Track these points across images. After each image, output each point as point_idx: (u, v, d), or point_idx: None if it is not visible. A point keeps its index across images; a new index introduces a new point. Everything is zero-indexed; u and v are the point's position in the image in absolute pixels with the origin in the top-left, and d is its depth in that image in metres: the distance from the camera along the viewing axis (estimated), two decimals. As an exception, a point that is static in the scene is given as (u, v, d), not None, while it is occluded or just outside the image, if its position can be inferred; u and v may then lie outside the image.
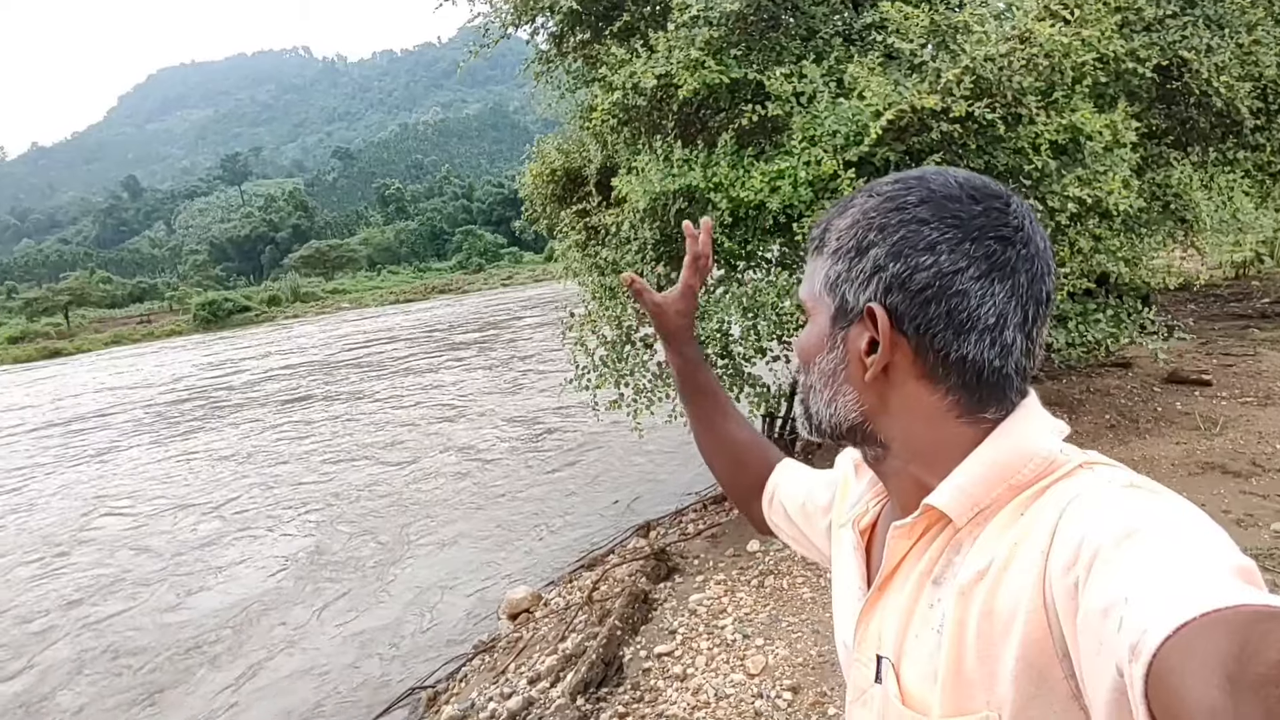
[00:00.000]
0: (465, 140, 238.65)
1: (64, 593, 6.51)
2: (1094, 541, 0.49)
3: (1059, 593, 0.50)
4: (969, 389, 0.62)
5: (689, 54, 3.70)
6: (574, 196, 6.01)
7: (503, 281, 57.15)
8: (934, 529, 0.63)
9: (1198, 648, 0.36)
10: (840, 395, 0.67)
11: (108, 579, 6.66)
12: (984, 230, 0.61)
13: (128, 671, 5.03)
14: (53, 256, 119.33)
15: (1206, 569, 0.43)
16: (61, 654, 5.39)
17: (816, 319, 0.69)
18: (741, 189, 3.69)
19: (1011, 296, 0.61)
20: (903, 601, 0.64)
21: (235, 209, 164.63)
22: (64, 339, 50.58)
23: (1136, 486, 0.55)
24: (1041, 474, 0.60)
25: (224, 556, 6.87)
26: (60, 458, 12.36)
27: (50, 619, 6.00)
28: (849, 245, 0.65)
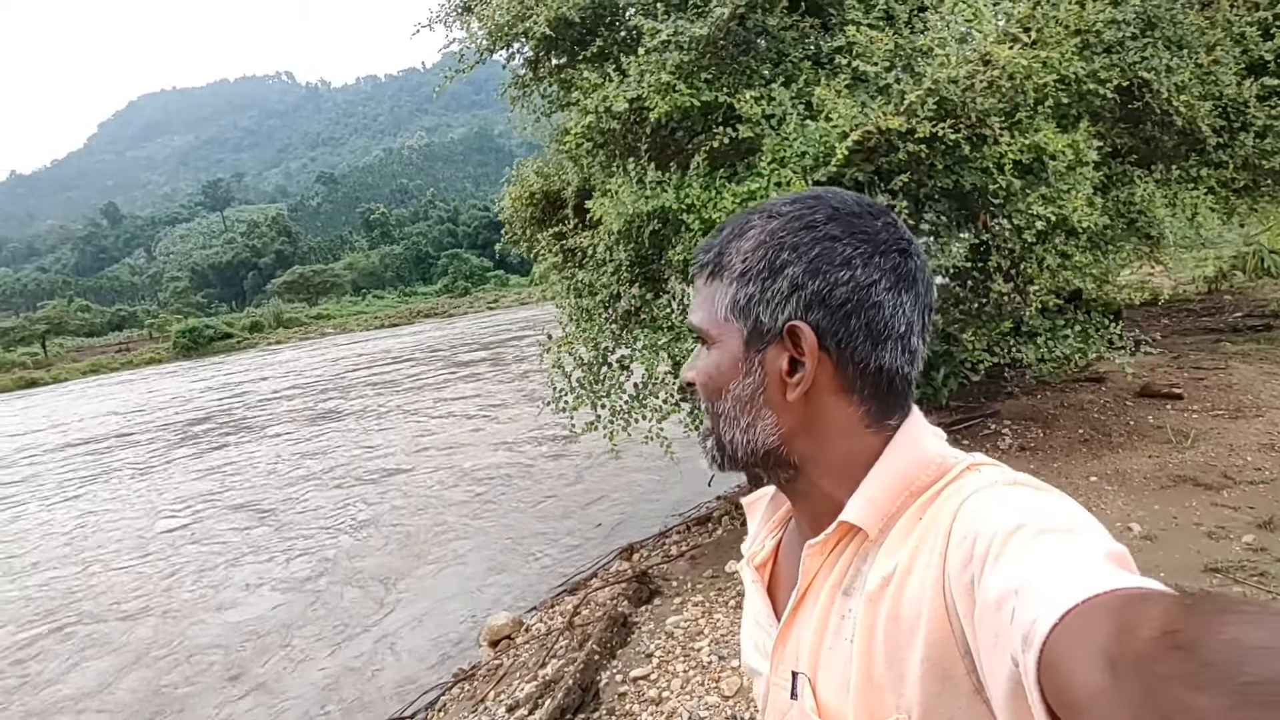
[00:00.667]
0: (450, 164, 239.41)
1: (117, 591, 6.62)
2: (985, 539, 0.51)
3: (957, 591, 0.52)
4: (879, 398, 0.65)
5: (659, 78, 3.75)
6: (553, 219, 6.04)
7: (488, 305, 57.15)
8: (844, 541, 0.65)
9: (1081, 633, 0.38)
10: (759, 420, 0.66)
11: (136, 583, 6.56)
12: (888, 244, 0.64)
13: (131, 689, 4.92)
14: (30, 285, 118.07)
15: (1086, 558, 0.45)
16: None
17: (724, 345, 0.67)
18: (713, 210, 3.72)
19: (915, 305, 0.65)
20: (816, 616, 0.65)
21: (217, 235, 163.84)
22: (41, 368, 49.92)
23: (1020, 484, 0.58)
24: (936, 477, 0.62)
25: (223, 577, 6.90)
26: (99, 473, 12.52)
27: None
28: (759, 266, 0.65)
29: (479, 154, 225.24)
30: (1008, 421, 5.12)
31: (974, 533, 0.52)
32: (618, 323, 4.39)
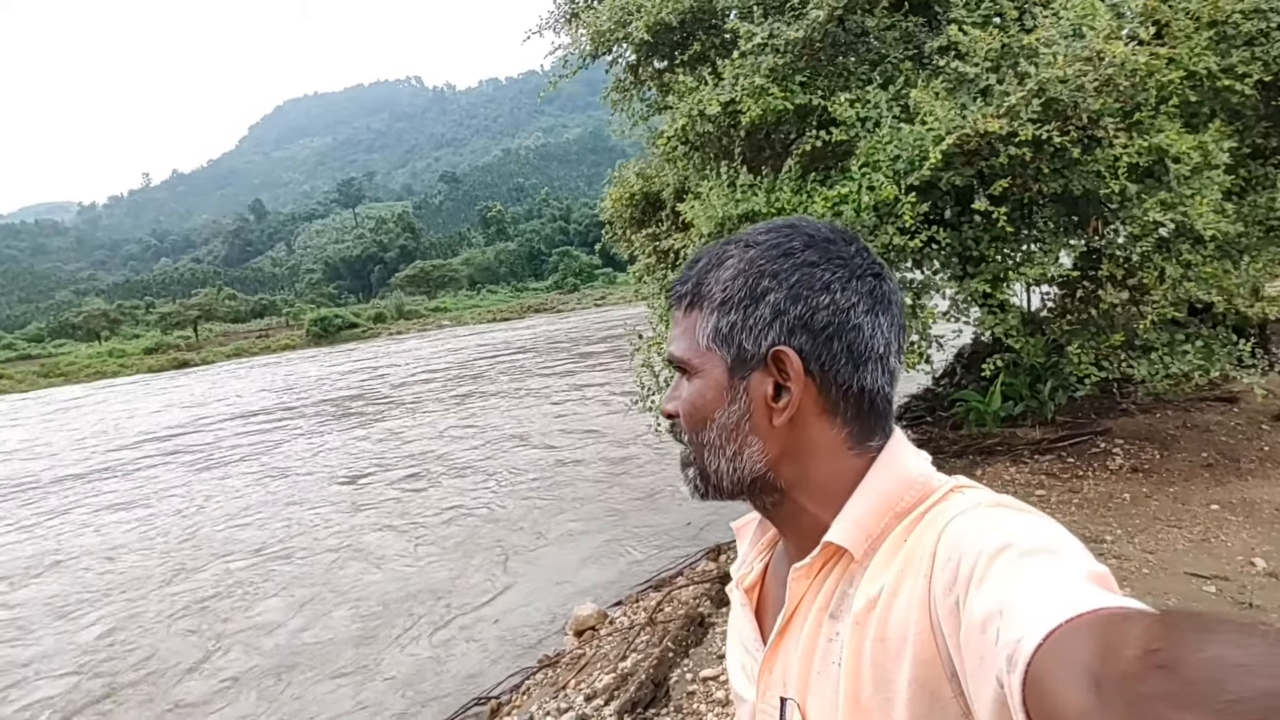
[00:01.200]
0: (565, 164, 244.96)
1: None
2: (969, 561, 0.51)
3: (943, 613, 0.52)
4: (861, 419, 0.66)
5: (753, 81, 3.76)
6: (651, 220, 6.13)
7: (595, 302, 58.06)
8: (830, 564, 0.65)
9: (1065, 653, 0.38)
10: (746, 447, 0.66)
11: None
12: (864, 268, 0.66)
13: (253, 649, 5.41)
14: (186, 274, 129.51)
15: (1069, 578, 0.45)
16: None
17: (707, 374, 0.67)
18: (804, 214, 3.70)
19: (891, 326, 0.66)
20: (804, 641, 0.65)
21: (349, 230, 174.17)
22: (192, 350, 54.71)
23: (1003, 505, 0.58)
24: (920, 499, 0.63)
25: (378, 540, 7.57)
26: (278, 439, 14.15)
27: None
28: (740, 294, 0.66)
29: (593, 154, 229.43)
30: (1120, 440, 4.79)
31: (958, 554, 0.53)
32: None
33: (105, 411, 24.05)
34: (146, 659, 5.51)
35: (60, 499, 11.08)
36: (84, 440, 17.45)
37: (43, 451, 16.46)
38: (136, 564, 7.67)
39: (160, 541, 8.36)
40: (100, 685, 5.22)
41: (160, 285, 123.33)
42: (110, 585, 7.15)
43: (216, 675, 5.13)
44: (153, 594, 6.75)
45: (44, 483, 12.59)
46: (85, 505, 10.52)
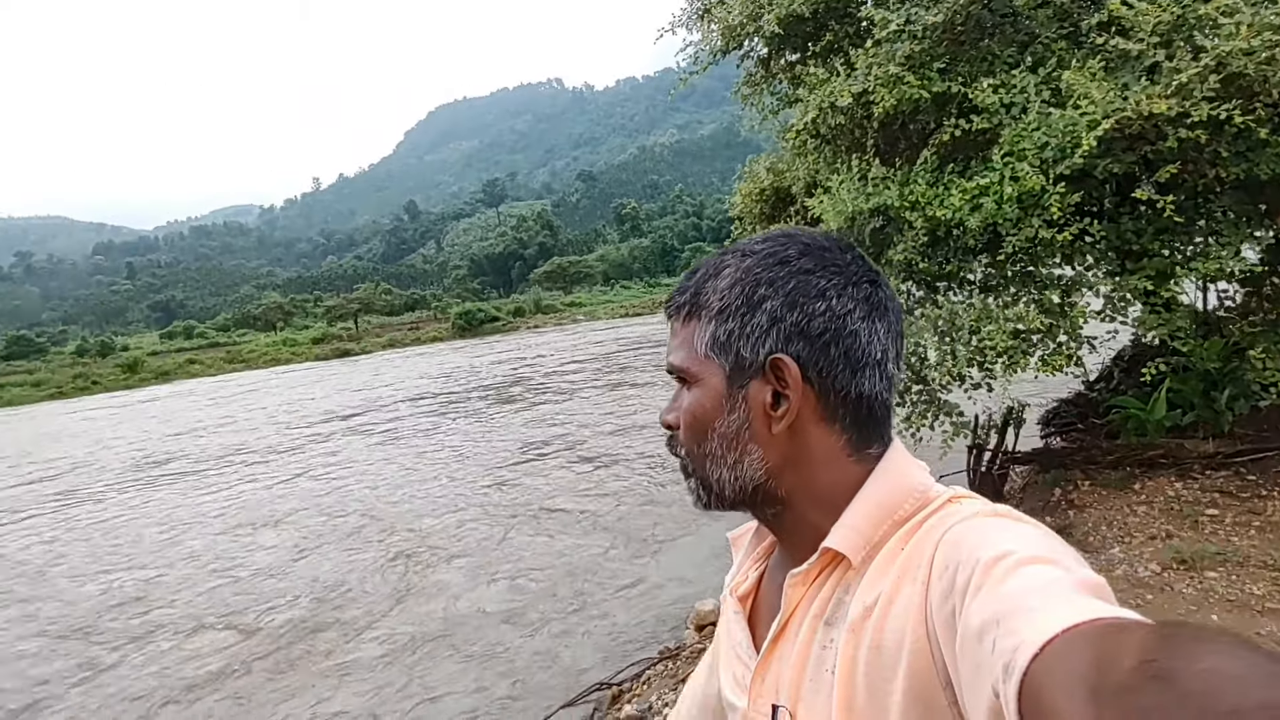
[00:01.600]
0: (699, 160, 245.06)
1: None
2: (967, 569, 0.51)
3: (939, 622, 0.52)
4: (859, 425, 0.66)
5: (887, 70, 3.61)
6: (782, 215, 6.03)
7: (727, 298, 57.60)
8: (825, 571, 0.65)
9: (1062, 663, 0.38)
10: (746, 455, 0.67)
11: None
12: (859, 276, 0.67)
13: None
14: (348, 270, 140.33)
15: (1066, 588, 0.45)
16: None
17: (706, 383, 0.68)
18: (939, 207, 3.52)
19: (889, 333, 0.67)
20: (798, 648, 0.65)
21: (492, 229, 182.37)
22: (352, 341, 59.22)
23: (1001, 515, 0.58)
24: (918, 508, 0.63)
25: (542, 516, 8.08)
26: (449, 420, 15.53)
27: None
28: (737, 303, 0.67)
29: (726, 149, 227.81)
30: (1315, 458, 4.23)
31: (956, 563, 0.53)
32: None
33: (286, 395, 26.67)
34: (346, 603, 6.28)
35: (275, 466, 12.66)
36: (275, 418, 19.59)
37: (245, 427, 18.59)
38: (345, 522, 8.65)
39: (361, 504, 9.37)
40: (312, 621, 5.98)
41: (327, 281, 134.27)
42: (325, 539, 8.10)
43: (386, 640, 5.56)
44: (358, 548, 7.61)
45: (260, 451, 14.48)
46: (294, 470, 11.99)
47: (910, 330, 3.81)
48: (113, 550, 8.67)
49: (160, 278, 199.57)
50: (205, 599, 6.74)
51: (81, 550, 8.80)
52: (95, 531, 9.59)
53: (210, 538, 8.73)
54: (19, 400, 45.85)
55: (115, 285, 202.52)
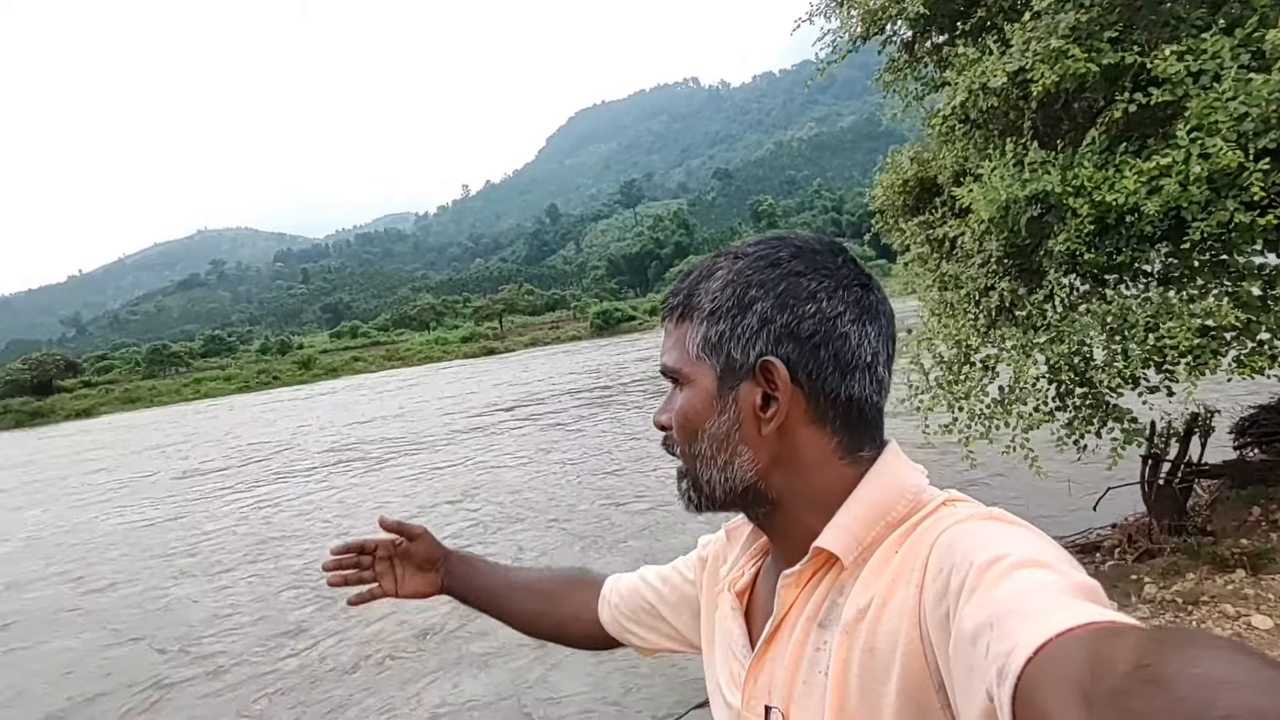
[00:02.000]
0: (838, 153, 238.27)
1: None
2: (961, 572, 0.51)
3: (933, 624, 0.52)
4: (850, 428, 0.66)
5: (1048, 44, 3.30)
6: (926, 207, 5.70)
7: (869, 294, 55.92)
8: (819, 573, 0.65)
9: (1056, 667, 0.38)
10: (736, 457, 0.67)
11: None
12: (849, 279, 0.67)
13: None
14: (494, 272, 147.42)
15: (1060, 592, 0.45)
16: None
17: (697, 384, 0.68)
18: (1109, 191, 3.17)
19: (879, 335, 0.67)
20: (791, 649, 0.65)
21: (629, 229, 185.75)
22: (497, 340, 62.15)
23: (995, 518, 0.58)
24: (912, 510, 0.63)
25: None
26: (610, 410, 16.56)
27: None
28: (728, 304, 0.67)
29: (868, 140, 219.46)
30: None
31: (950, 565, 0.52)
32: (984, 319, 4.00)
33: (443, 389, 28.59)
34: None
35: (455, 451, 13.65)
36: (442, 409, 21.09)
37: (415, 417, 20.13)
38: (533, 500, 9.25)
39: (545, 482, 10.04)
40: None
41: (475, 282, 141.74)
42: (519, 513, 8.67)
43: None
44: (540, 528, 8.05)
45: (437, 437, 15.72)
46: (476, 454, 12.91)
47: (1073, 328, 3.47)
48: (335, 520, 9.66)
49: (330, 281, 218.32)
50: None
51: (313, 519, 9.87)
52: (313, 505, 10.73)
53: (418, 509, 9.58)
54: (213, 393, 51.54)
55: (292, 289, 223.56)
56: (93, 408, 49.62)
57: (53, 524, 11.67)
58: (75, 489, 15.40)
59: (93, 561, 9.15)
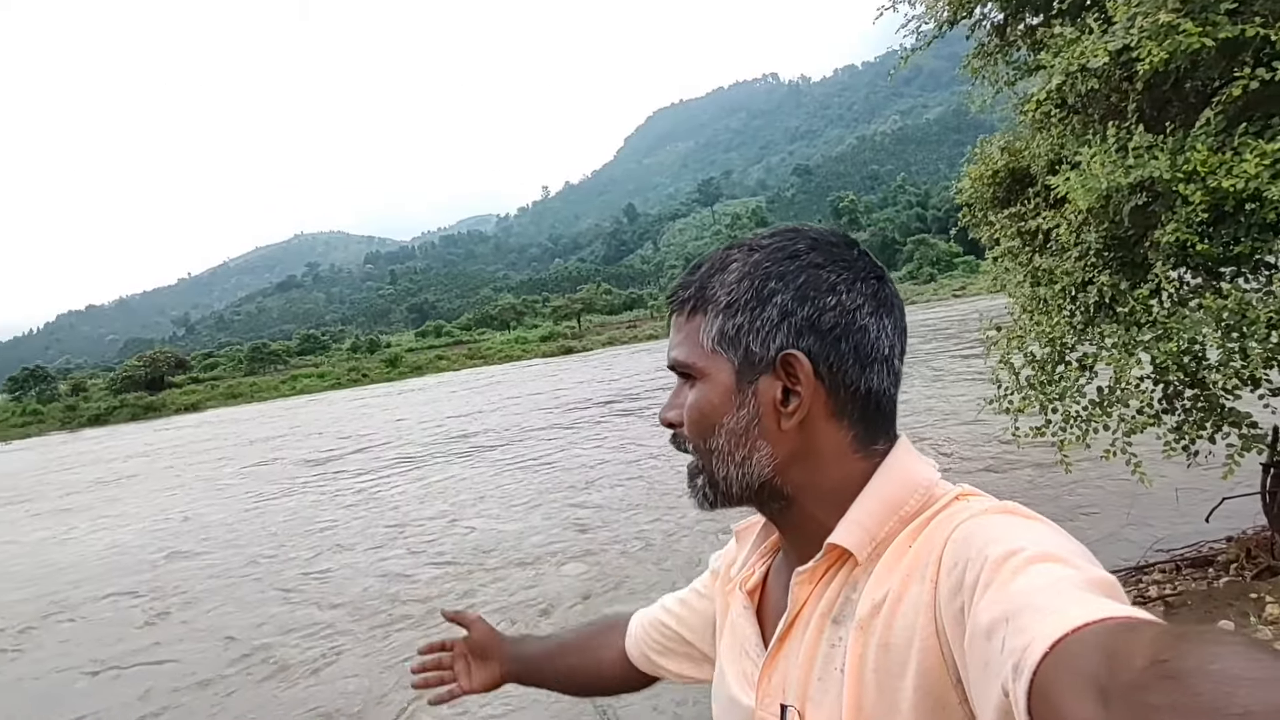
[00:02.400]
0: (924, 146, 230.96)
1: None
2: (976, 566, 0.50)
3: (948, 619, 0.52)
4: (866, 420, 0.65)
5: (1156, 19, 3.07)
6: (1018, 199, 5.43)
7: (954, 293, 54.02)
8: (833, 569, 0.64)
9: (1072, 662, 0.38)
10: (755, 452, 0.65)
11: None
12: (866, 271, 0.66)
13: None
14: (573, 272, 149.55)
15: (1077, 586, 0.44)
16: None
17: (713, 379, 0.67)
18: (1225, 176, 2.93)
19: (895, 328, 0.66)
20: (805, 646, 0.64)
21: (707, 228, 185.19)
22: (575, 339, 62.92)
23: (1010, 512, 0.57)
24: (924, 505, 0.62)
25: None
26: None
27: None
28: (746, 297, 0.65)
29: (955, 133, 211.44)
30: None
31: (965, 560, 0.52)
32: (1081, 316, 3.76)
33: (533, 385, 29.19)
34: (650, 555, 6.89)
35: (562, 442, 13.89)
36: (538, 403, 21.60)
37: (514, 411, 20.63)
38: (647, 487, 9.40)
39: (656, 471, 10.14)
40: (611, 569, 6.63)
41: (554, 282, 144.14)
42: (637, 500, 8.83)
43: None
44: (670, 510, 8.15)
45: (540, 428, 16.17)
46: (583, 445, 13.19)
47: (1183, 325, 3.21)
48: (462, 503, 9.98)
49: (416, 282, 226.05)
50: (558, 538, 7.67)
51: (433, 503, 10.25)
52: (435, 490, 11.10)
53: (537, 494, 9.85)
54: (308, 389, 54.07)
55: (381, 290, 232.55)
56: (199, 402, 52.76)
57: (193, 507, 12.33)
58: (208, 475, 16.21)
59: (247, 538, 9.66)
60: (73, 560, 9.53)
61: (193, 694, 5.13)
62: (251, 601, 6.95)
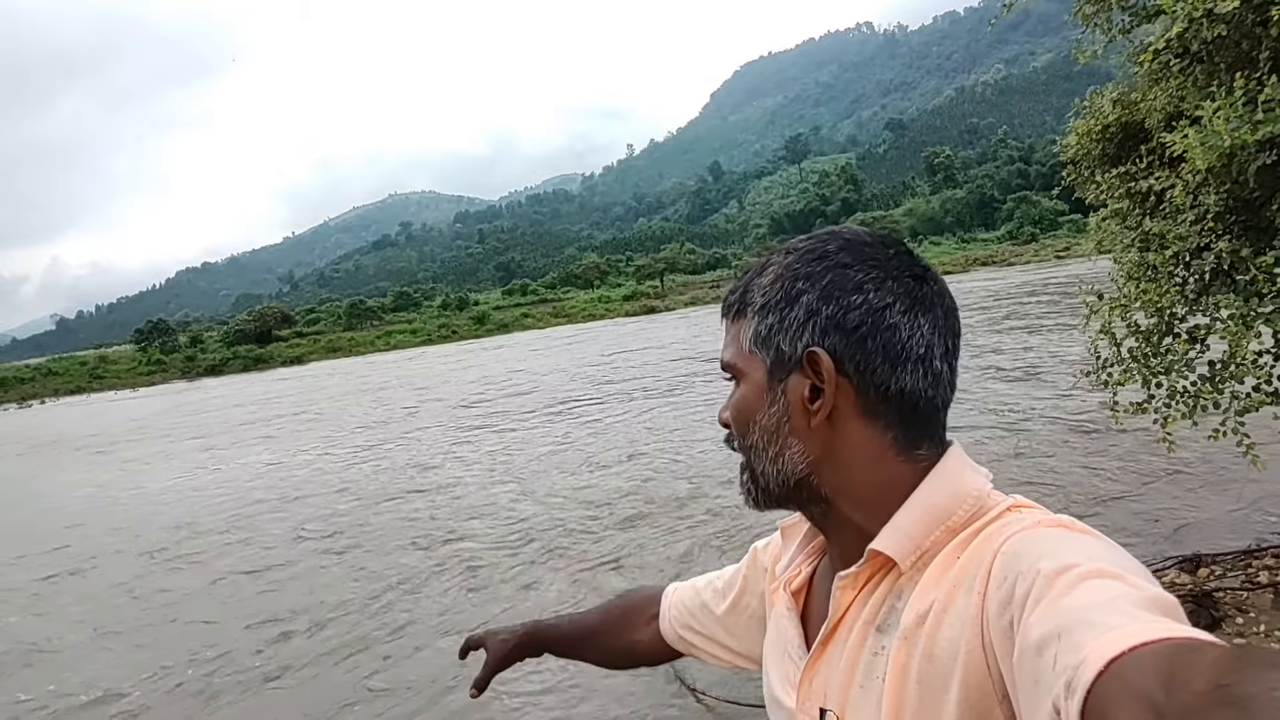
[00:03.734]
0: (1029, 97, 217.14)
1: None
2: (1027, 580, 0.49)
3: (996, 633, 0.51)
4: (905, 423, 0.64)
5: (1297, -43, 2.78)
6: (1130, 156, 5.06)
7: (1056, 254, 51.03)
8: (876, 577, 0.64)
9: (1128, 681, 0.37)
10: (786, 449, 0.66)
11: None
12: (900, 270, 0.66)
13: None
14: (656, 231, 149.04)
15: (1133, 604, 0.43)
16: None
17: (750, 378, 0.69)
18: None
19: (934, 328, 0.65)
20: (847, 653, 0.64)
21: (793, 186, 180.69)
22: (658, 299, 62.88)
23: (1064, 525, 0.56)
24: (974, 516, 0.61)
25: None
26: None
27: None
28: (777, 298, 0.67)
29: (1065, 82, 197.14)
30: None
31: (1015, 573, 0.51)
32: (1195, 284, 3.50)
33: (623, 343, 29.20)
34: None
35: (660, 400, 13.83)
36: (631, 362, 21.61)
37: (618, 366, 20.88)
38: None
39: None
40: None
41: (637, 242, 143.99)
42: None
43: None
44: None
45: (654, 383, 16.22)
46: (688, 403, 13.11)
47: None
48: (599, 451, 10.21)
49: (503, 241, 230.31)
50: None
51: (562, 454, 10.44)
52: (558, 439, 11.30)
53: (671, 437, 10.08)
54: (401, 344, 56.22)
55: (469, 249, 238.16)
56: (303, 355, 55.55)
57: (321, 450, 13.01)
58: (336, 422, 16.88)
59: (421, 466, 10.37)
60: (304, 478, 10.64)
61: (395, 594, 5.78)
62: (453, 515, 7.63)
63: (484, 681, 1.09)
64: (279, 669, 4.80)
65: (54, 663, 5.32)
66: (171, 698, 4.59)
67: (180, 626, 5.69)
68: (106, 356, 62.57)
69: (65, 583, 7.13)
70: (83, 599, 6.61)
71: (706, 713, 3.71)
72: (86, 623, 6.00)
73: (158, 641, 5.45)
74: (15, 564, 7.87)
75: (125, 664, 5.12)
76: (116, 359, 60.42)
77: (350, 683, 4.52)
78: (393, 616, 5.39)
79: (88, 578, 7.21)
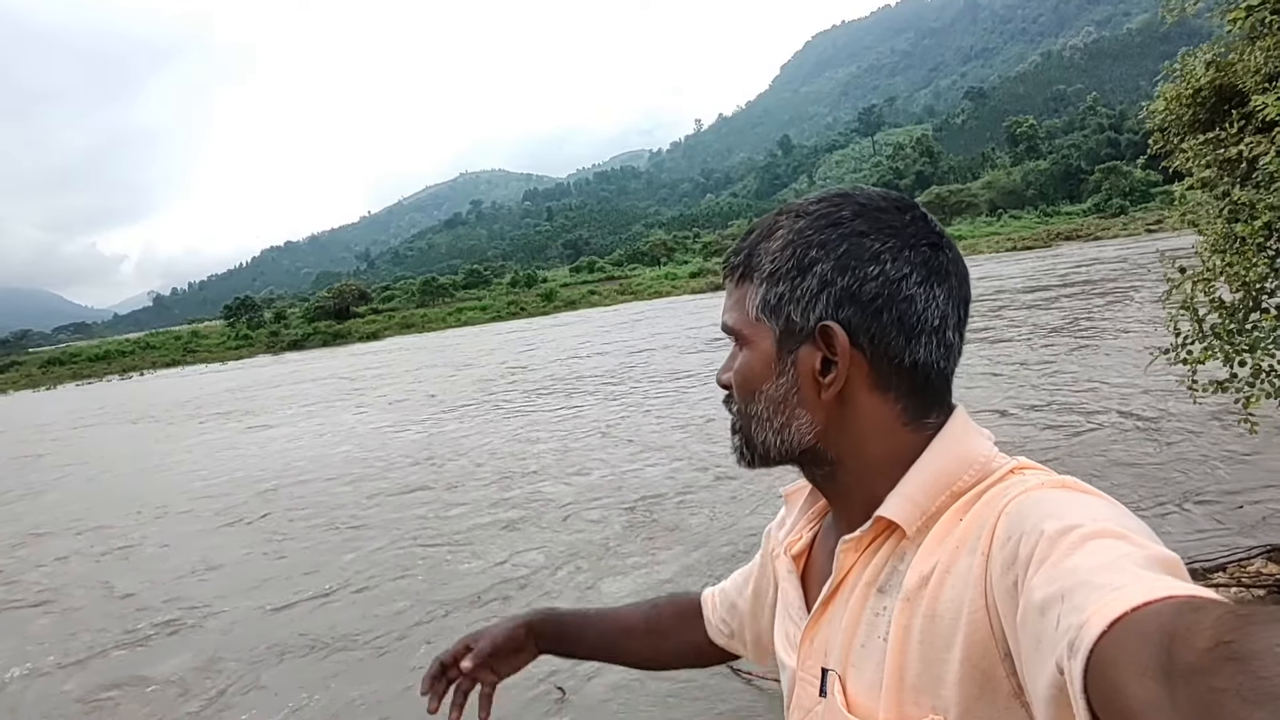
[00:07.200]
0: (1122, 61, 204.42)
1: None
2: (1030, 540, 0.49)
3: (999, 593, 0.51)
4: (916, 394, 0.64)
5: None
6: (1221, 121, 4.78)
7: (1147, 227, 48.28)
8: (879, 540, 0.64)
9: (1132, 641, 0.37)
10: (794, 420, 0.66)
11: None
12: (917, 238, 0.64)
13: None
14: (724, 207, 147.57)
15: (1136, 563, 0.43)
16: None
17: (757, 346, 0.67)
18: None
19: (949, 298, 0.64)
20: (849, 613, 0.64)
21: (867, 159, 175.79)
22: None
23: (1067, 486, 0.56)
24: (979, 479, 0.61)
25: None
26: None
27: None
28: (788, 266, 0.65)
29: (1162, 44, 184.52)
30: None
31: (1019, 533, 0.51)
32: (1286, 257, 3.31)
33: (686, 321, 29.09)
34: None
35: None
36: (698, 340, 21.63)
37: (682, 341, 21.07)
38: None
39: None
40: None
41: (705, 218, 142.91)
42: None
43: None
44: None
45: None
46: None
47: None
48: (674, 422, 10.38)
49: (571, 219, 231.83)
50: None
51: (646, 424, 10.65)
52: (647, 410, 11.57)
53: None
54: (471, 321, 57.50)
55: (538, 226, 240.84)
56: (379, 331, 57.41)
57: (412, 420, 13.49)
58: (434, 390, 17.43)
59: (468, 447, 10.54)
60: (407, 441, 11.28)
61: (493, 531, 6.32)
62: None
63: (472, 666, 0.96)
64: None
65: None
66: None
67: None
68: (198, 331, 66.19)
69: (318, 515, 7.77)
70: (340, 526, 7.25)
71: (760, 694, 3.75)
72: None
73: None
74: (261, 510, 8.49)
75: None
76: (207, 334, 63.86)
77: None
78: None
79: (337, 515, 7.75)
